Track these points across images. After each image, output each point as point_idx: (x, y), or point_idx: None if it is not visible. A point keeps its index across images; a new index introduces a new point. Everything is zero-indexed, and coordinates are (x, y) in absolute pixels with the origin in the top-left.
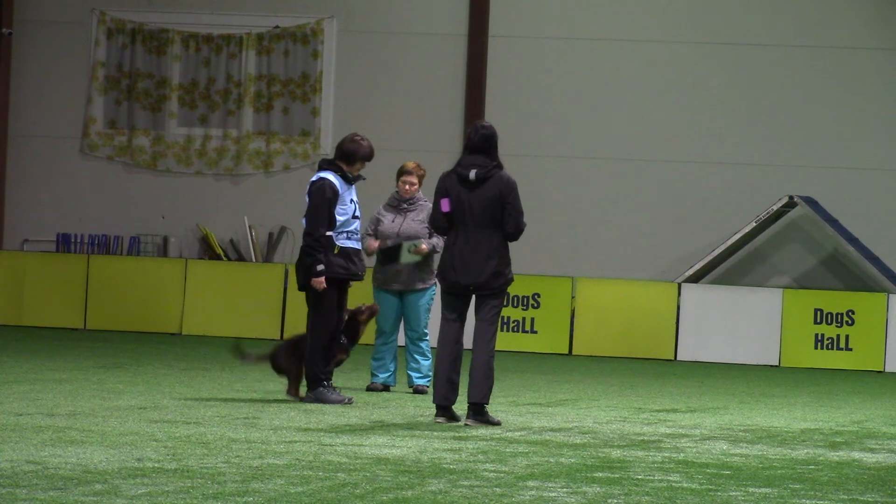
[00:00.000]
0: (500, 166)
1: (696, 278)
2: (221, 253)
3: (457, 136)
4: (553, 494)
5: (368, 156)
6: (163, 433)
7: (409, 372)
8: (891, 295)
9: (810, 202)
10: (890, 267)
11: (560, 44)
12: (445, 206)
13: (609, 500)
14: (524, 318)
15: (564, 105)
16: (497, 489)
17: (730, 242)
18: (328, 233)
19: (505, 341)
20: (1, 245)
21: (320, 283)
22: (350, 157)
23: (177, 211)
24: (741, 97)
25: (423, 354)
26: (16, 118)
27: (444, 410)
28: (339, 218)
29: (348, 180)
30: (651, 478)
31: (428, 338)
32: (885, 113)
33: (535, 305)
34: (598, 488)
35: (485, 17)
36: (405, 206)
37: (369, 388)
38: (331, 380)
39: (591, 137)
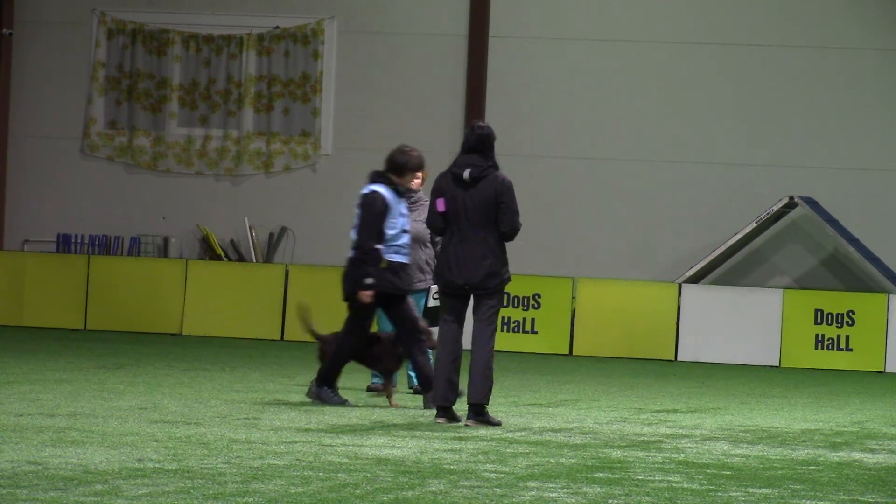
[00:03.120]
0: (495, 166)
1: (696, 279)
2: (222, 253)
3: (457, 136)
4: (553, 495)
5: (419, 166)
6: (163, 434)
7: (410, 373)
8: (891, 295)
9: (811, 202)
10: (890, 267)
11: (560, 44)
12: (441, 205)
13: (609, 501)
14: (524, 319)
15: (564, 105)
16: (497, 489)
17: (730, 243)
18: (378, 246)
19: (505, 342)
20: (1, 245)
21: (368, 296)
22: (400, 169)
23: (177, 211)
24: (741, 97)
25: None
26: (16, 118)
27: (445, 411)
28: (389, 232)
29: (399, 193)
30: (651, 478)
31: None
32: (885, 113)
33: (536, 306)
34: (598, 489)
35: (485, 17)
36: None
37: (369, 389)
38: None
39: (591, 138)
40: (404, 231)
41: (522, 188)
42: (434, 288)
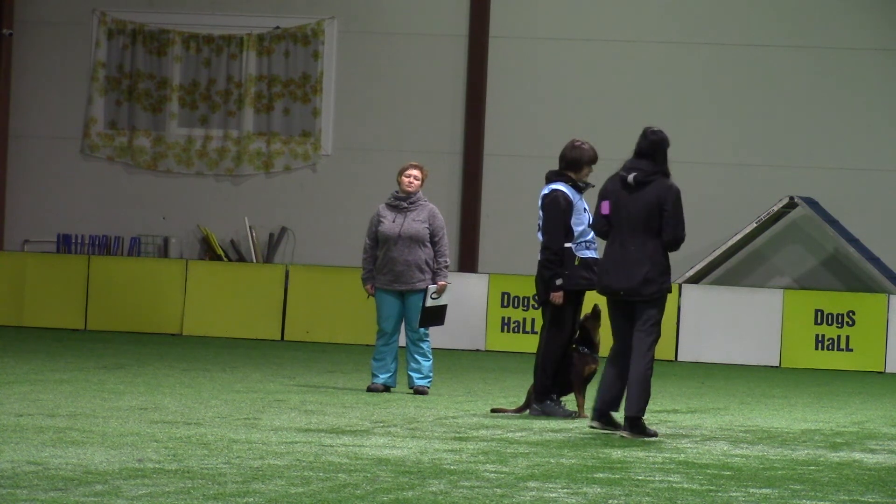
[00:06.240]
0: (664, 172)
1: (696, 279)
2: (222, 254)
3: (457, 137)
4: (553, 495)
5: (593, 159)
6: (163, 434)
7: (410, 373)
8: (891, 295)
9: (811, 203)
10: (890, 267)
11: (560, 45)
12: (605, 208)
13: (610, 501)
14: (524, 319)
15: (564, 106)
16: (498, 490)
17: (730, 243)
18: (567, 244)
19: (505, 342)
20: (1, 246)
21: (558, 297)
22: (576, 165)
23: (177, 212)
24: (741, 97)
25: (423, 355)
26: (16, 118)
27: (602, 416)
28: (576, 228)
29: (579, 189)
30: (652, 478)
31: (428, 338)
32: (885, 113)
33: (536, 306)
34: (598, 489)
35: (485, 17)
36: (405, 205)
37: (370, 389)
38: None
39: (591, 138)
40: (590, 225)
41: (522, 188)
42: (432, 288)
